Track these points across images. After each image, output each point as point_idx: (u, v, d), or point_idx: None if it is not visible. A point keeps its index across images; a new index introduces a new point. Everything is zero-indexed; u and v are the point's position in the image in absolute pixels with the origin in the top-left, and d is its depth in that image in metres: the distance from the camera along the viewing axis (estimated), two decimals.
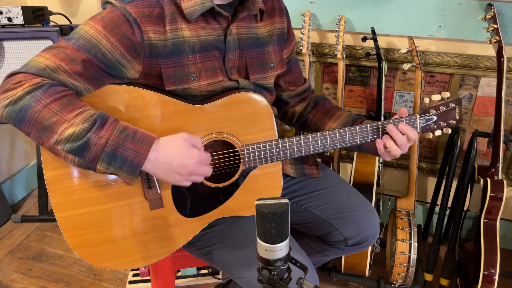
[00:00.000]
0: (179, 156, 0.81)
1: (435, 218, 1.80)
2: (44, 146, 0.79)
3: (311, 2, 1.62)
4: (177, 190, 0.94)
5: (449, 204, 1.65)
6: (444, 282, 1.52)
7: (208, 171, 0.87)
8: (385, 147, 0.95)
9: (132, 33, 0.83)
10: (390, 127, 0.94)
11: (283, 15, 1.05)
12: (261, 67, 1.01)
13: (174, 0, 0.87)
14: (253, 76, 1.00)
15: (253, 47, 0.99)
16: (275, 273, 0.61)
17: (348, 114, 1.09)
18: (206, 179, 0.96)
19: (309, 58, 1.56)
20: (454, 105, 0.98)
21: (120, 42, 0.83)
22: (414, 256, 1.45)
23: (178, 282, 1.59)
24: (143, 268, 1.59)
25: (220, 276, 1.61)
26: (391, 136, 0.95)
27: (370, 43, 1.55)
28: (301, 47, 1.54)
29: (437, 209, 1.71)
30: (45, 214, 1.99)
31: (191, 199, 0.96)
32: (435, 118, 0.98)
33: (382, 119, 1.54)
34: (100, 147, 0.76)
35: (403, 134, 0.94)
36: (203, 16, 0.90)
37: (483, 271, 1.28)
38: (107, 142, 0.76)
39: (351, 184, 1.50)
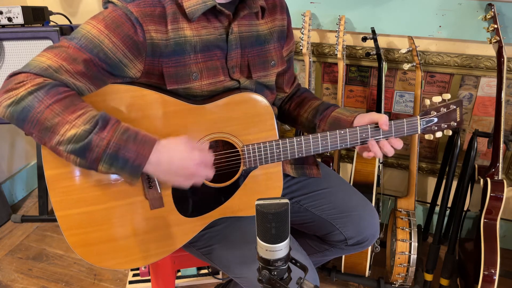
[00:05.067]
0: (180, 157, 0.82)
1: (435, 218, 1.80)
2: (46, 146, 0.79)
3: (311, 2, 1.62)
4: (177, 190, 0.94)
5: (449, 204, 1.65)
6: (444, 282, 1.52)
7: (209, 173, 0.87)
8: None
9: (134, 33, 0.83)
10: (372, 143, 0.95)
11: (283, 12, 1.05)
12: (263, 64, 1.01)
13: None
14: (255, 74, 1.00)
15: (255, 45, 0.99)
16: (275, 273, 0.61)
17: (320, 102, 1.09)
18: (206, 179, 0.96)
19: (309, 58, 1.56)
20: (454, 107, 0.98)
21: (122, 42, 0.83)
22: (414, 256, 1.45)
23: (178, 282, 1.59)
24: (143, 268, 1.59)
25: (220, 276, 1.61)
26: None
27: (370, 43, 1.55)
28: (301, 47, 1.54)
29: (437, 209, 1.71)
30: (45, 214, 1.99)
31: (191, 199, 0.96)
32: (435, 119, 0.98)
33: None
34: (102, 148, 0.76)
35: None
36: (205, 15, 0.90)
37: (483, 271, 1.28)
38: (108, 144, 0.76)
39: (351, 184, 1.50)
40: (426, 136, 1.00)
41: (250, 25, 0.98)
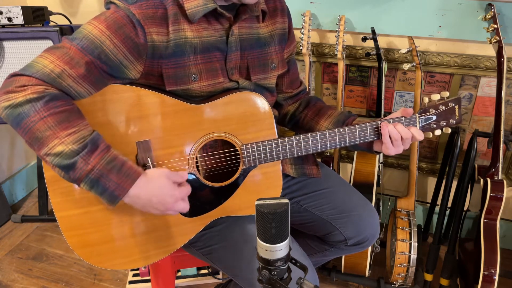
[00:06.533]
0: (159, 194, 0.83)
1: (435, 218, 1.80)
2: (35, 152, 0.80)
3: (311, 2, 1.62)
4: None
5: (449, 204, 1.65)
6: (444, 282, 1.52)
7: (185, 208, 0.88)
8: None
9: (136, 35, 0.83)
10: (383, 126, 0.94)
11: (284, 16, 1.06)
12: (263, 67, 1.01)
13: (177, 0, 0.87)
14: (254, 77, 1.00)
15: (255, 47, 0.99)
16: (275, 273, 0.61)
17: (339, 112, 1.10)
18: (206, 178, 0.96)
19: (309, 58, 1.56)
20: (453, 105, 0.98)
21: (123, 43, 0.83)
22: (414, 256, 1.45)
23: (178, 282, 1.59)
24: (143, 268, 1.59)
25: (220, 276, 1.61)
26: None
27: (370, 43, 1.55)
28: (301, 47, 1.54)
29: (437, 209, 1.71)
30: (45, 214, 1.99)
31: (191, 198, 0.96)
32: (434, 117, 0.98)
33: None
34: (85, 172, 0.77)
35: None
36: (206, 17, 0.91)
37: (483, 271, 1.27)
38: (92, 170, 0.78)
39: (351, 184, 1.50)
40: (425, 135, 1.00)
41: (250, 28, 0.98)
